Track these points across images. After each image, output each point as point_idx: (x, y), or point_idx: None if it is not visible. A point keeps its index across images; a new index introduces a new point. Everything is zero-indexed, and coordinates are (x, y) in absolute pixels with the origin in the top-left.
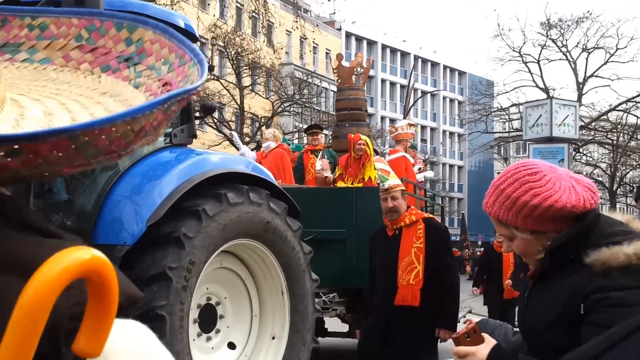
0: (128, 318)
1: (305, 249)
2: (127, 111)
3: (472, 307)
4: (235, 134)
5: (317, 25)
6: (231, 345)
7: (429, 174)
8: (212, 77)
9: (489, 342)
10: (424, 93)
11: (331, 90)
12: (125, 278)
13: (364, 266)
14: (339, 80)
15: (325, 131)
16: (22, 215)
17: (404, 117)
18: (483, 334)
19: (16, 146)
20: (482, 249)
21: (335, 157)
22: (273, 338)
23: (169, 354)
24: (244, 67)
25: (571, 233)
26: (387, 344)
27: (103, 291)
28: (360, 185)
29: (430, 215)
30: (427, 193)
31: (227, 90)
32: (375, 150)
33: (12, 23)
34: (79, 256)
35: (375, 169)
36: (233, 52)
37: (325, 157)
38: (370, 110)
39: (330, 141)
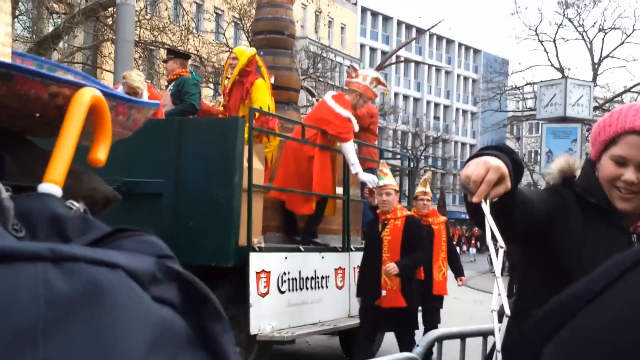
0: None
1: None
2: (149, 102)
3: None
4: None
5: None
6: None
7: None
8: (227, 49)
9: None
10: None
11: (345, 65)
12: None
13: (184, 232)
14: None
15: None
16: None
17: (377, 68)
18: None
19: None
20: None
21: (181, 86)
22: None
23: None
24: None
25: None
26: None
27: (103, 114)
28: None
29: None
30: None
31: None
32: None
33: None
34: (93, 92)
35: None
36: (248, 24)
37: (170, 88)
38: None
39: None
